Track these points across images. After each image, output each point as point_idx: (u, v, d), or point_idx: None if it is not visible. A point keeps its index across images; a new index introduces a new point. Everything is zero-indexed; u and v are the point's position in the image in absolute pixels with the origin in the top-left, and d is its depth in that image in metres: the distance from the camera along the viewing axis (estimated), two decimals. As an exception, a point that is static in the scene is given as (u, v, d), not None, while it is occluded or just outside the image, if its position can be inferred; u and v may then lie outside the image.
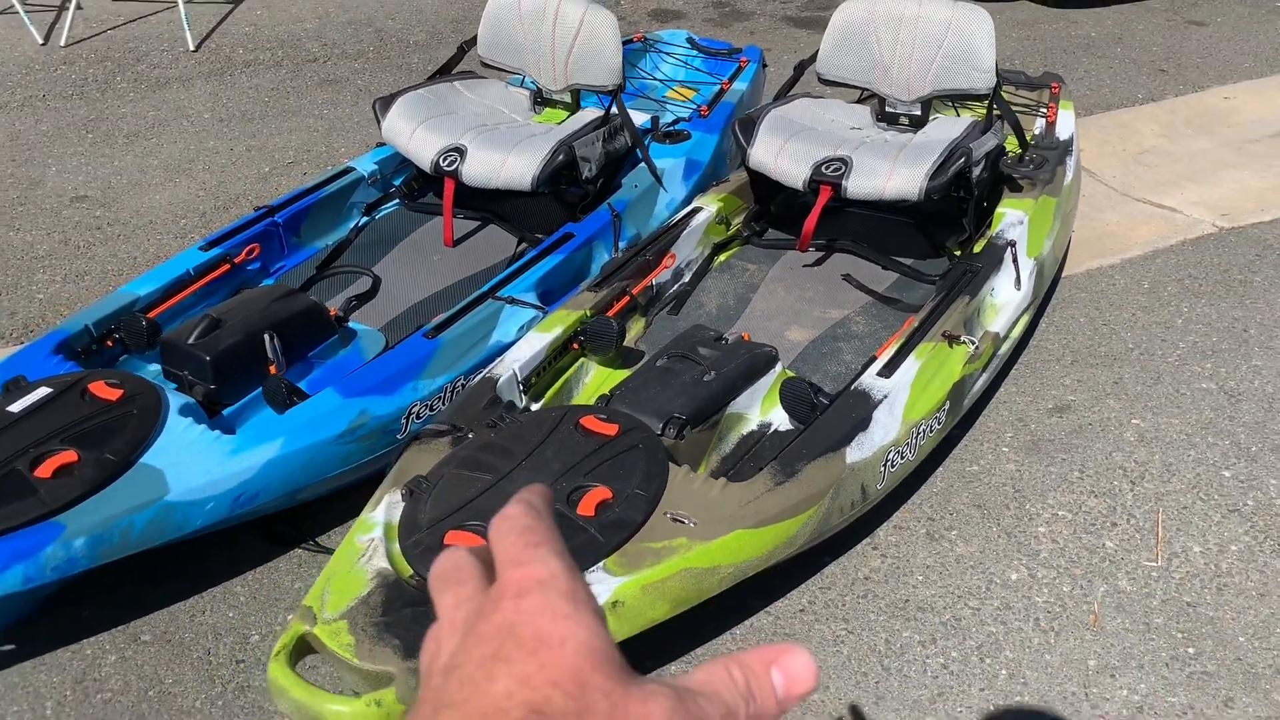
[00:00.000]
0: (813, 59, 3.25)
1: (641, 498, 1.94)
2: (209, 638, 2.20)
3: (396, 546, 1.85)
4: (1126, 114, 4.63)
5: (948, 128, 3.01)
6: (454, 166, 2.99)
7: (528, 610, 0.41)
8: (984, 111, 3.17)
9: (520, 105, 3.42)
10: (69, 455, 2.08)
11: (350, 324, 2.78)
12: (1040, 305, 3.09)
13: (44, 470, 2.05)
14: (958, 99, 3.27)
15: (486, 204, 3.24)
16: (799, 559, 2.19)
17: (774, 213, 3.25)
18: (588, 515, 1.89)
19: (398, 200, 3.35)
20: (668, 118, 3.57)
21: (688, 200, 3.35)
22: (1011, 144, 3.21)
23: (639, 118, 3.37)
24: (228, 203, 3.89)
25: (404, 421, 2.44)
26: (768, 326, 2.77)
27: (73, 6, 5.19)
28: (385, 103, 3.19)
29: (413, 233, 3.24)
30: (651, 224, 3.19)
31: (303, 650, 1.69)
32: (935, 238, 3.13)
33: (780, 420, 2.41)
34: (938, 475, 2.57)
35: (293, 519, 2.45)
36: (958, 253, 3.05)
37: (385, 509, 1.94)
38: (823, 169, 2.81)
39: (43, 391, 2.24)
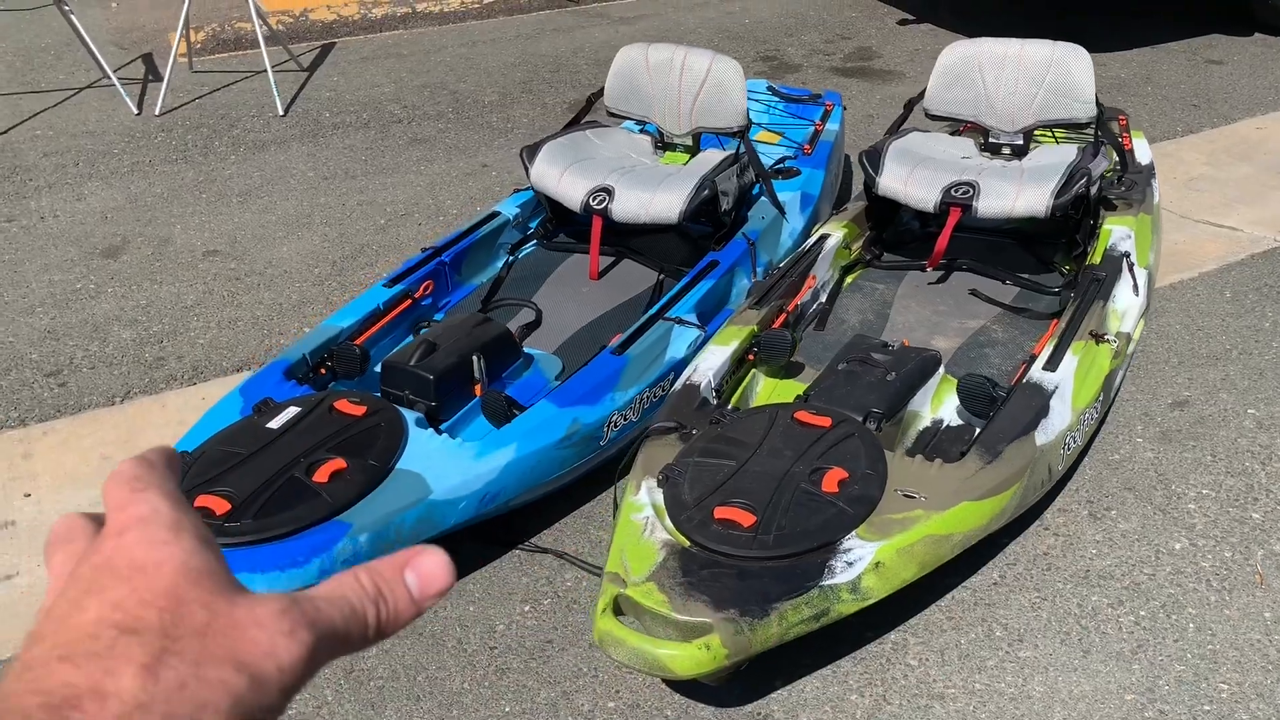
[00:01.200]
0: (921, 96, 3.56)
1: (873, 477, 2.17)
2: (457, 629, 2.40)
3: (669, 522, 2.07)
4: (1170, 145, 4.97)
5: (1054, 154, 3.31)
6: (603, 205, 3.25)
7: (125, 544, 0.40)
8: (1078, 140, 3.48)
9: (645, 149, 3.70)
10: (339, 463, 2.29)
11: (525, 349, 3.01)
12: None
13: (320, 475, 2.26)
14: (1057, 128, 3.57)
15: (620, 241, 3.50)
16: (982, 542, 2.42)
17: (886, 239, 3.53)
18: (832, 492, 2.12)
19: (535, 241, 3.60)
20: (769, 158, 3.86)
21: (806, 230, 3.63)
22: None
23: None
24: (354, 252, 4.14)
25: (605, 430, 2.67)
26: (913, 336, 3.02)
27: (167, 77, 5.46)
28: (531, 151, 3.46)
29: (556, 269, 3.49)
30: (779, 252, 3.46)
31: (617, 610, 1.90)
32: (1040, 255, 3.41)
33: (950, 416, 2.65)
34: (1085, 465, 2.82)
35: (503, 523, 2.66)
36: (1067, 268, 3.33)
37: (646, 493, 2.17)
38: (952, 192, 3.09)
39: (293, 410, 2.46)
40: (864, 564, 1.97)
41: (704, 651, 1.77)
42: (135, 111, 5.42)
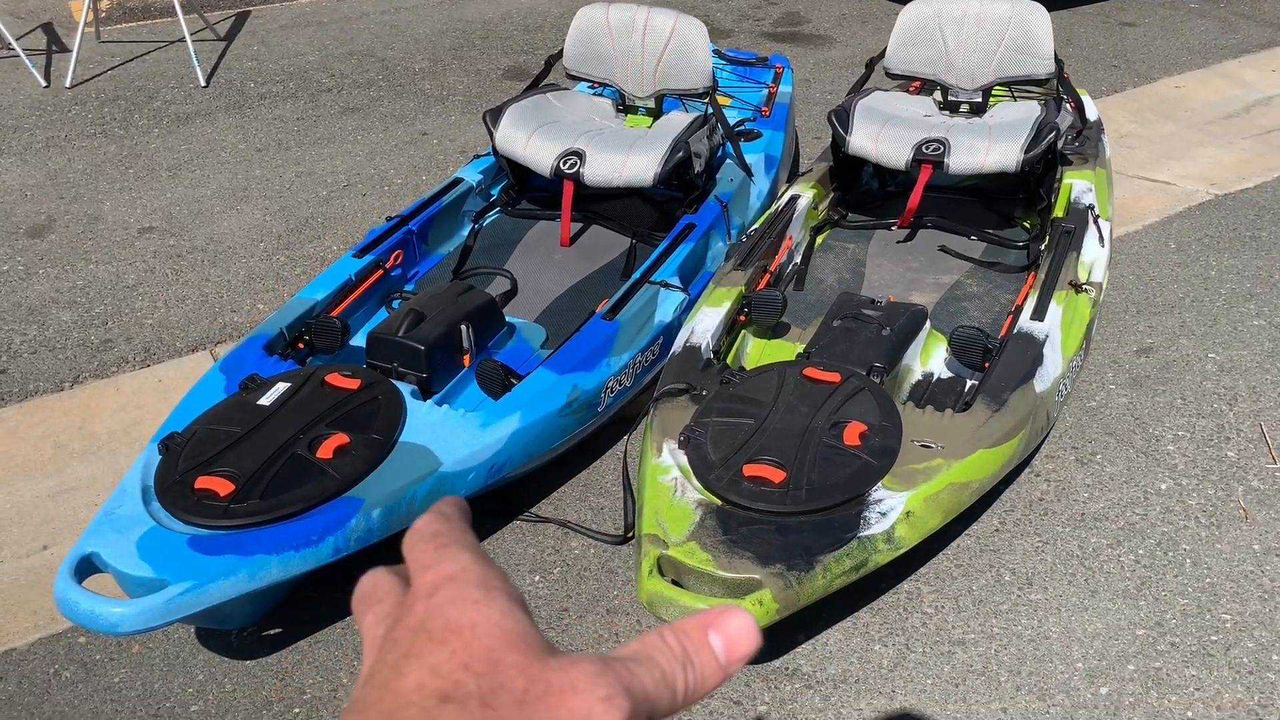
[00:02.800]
0: (882, 55, 3.58)
1: (890, 429, 2.19)
2: (468, 604, 2.34)
3: (697, 482, 2.05)
4: (1098, 104, 5.11)
5: (1016, 110, 3.37)
6: (575, 169, 3.19)
7: (437, 605, 0.40)
8: (1035, 96, 3.54)
9: (607, 112, 3.64)
10: (341, 438, 2.20)
11: (507, 318, 2.94)
12: (1101, 265, 3.47)
13: (324, 452, 2.17)
14: (1016, 85, 3.63)
15: (588, 207, 3.45)
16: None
17: (850, 199, 3.55)
18: (854, 445, 2.12)
19: (499, 209, 3.52)
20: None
21: (772, 191, 3.63)
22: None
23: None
24: (298, 225, 3.98)
25: (603, 395, 2.63)
26: (889, 292, 3.05)
27: (76, 47, 5.17)
28: (494, 115, 3.37)
29: (524, 236, 3.42)
30: (749, 214, 3.46)
31: (660, 570, 1.87)
32: (1001, 211, 3.48)
33: (939, 369, 2.69)
34: (1066, 413, 2.89)
35: (499, 494, 2.60)
36: (1028, 223, 3.40)
37: (670, 455, 2.14)
38: (924, 149, 3.12)
39: (283, 386, 2.36)
40: (896, 514, 1.98)
41: (757, 607, 1.76)
42: (43, 83, 5.12)
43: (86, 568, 1.96)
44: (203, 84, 5.18)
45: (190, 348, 3.28)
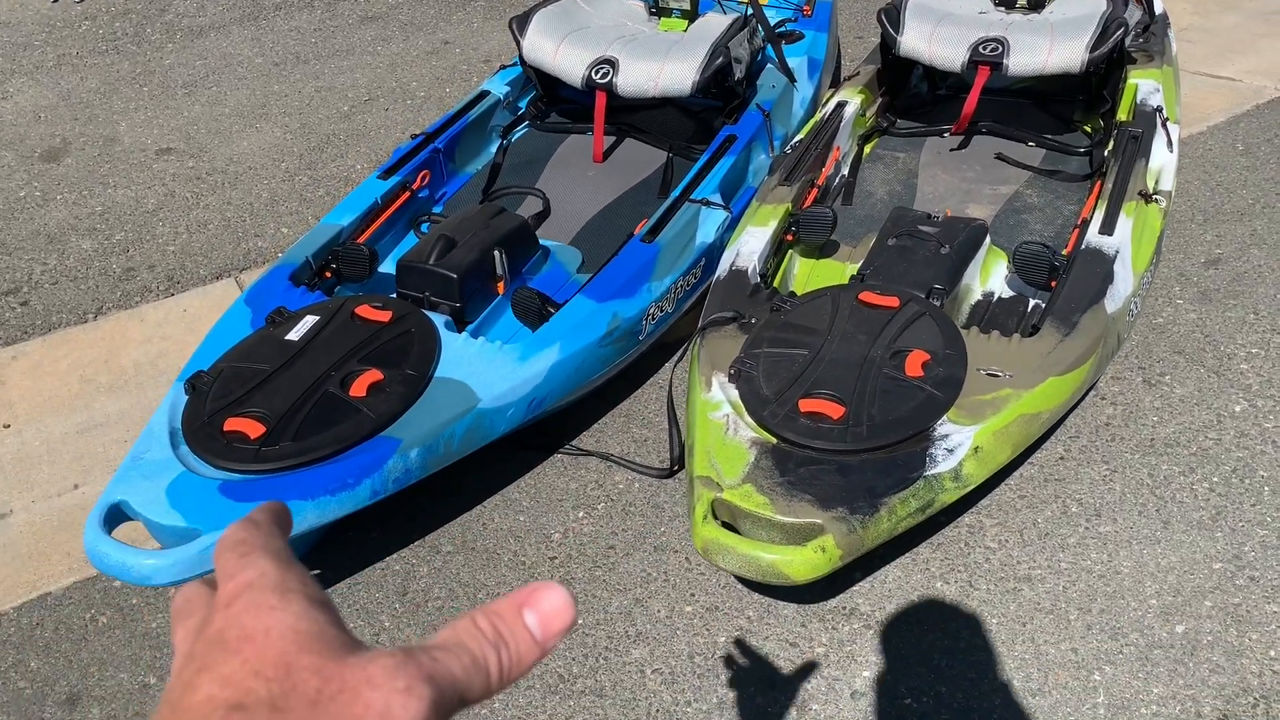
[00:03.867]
0: (933, -51, 3.33)
1: (954, 357, 2.05)
2: (510, 541, 2.26)
3: (750, 419, 1.94)
4: (1157, -5, 4.81)
5: (1078, 5, 3.14)
6: (607, 79, 3.01)
7: (234, 614, 0.39)
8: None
9: (640, 16, 3.44)
10: (374, 374, 2.10)
11: (541, 240, 2.80)
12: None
13: (358, 389, 2.07)
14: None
15: (621, 119, 3.27)
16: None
17: (898, 104, 3.35)
18: (917, 375, 1.99)
19: (528, 123, 3.35)
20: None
21: (815, 98, 3.44)
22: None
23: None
24: (320, 143, 3.84)
25: (644, 323, 2.50)
26: (945, 204, 2.88)
27: (82, -41, 4.97)
28: (521, 22, 3.18)
29: (555, 152, 3.25)
30: (792, 123, 3.27)
31: (714, 514, 1.77)
32: (1059, 114, 3.27)
33: (1000, 288, 2.54)
34: (1132, 330, 2.73)
35: (538, 427, 2.50)
36: (1088, 128, 3.20)
37: (720, 389, 2.02)
38: (980, 49, 2.92)
39: (311, 320, 2.25)
40: (964, 450, 1.86)
41: (819, 554, 1.66)
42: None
43: (116, 516, 1.88)
44: (215, -6, 4.97)
45: (214, 275, 3.18)
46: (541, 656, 0.43)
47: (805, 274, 2.68)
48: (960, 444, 1.88)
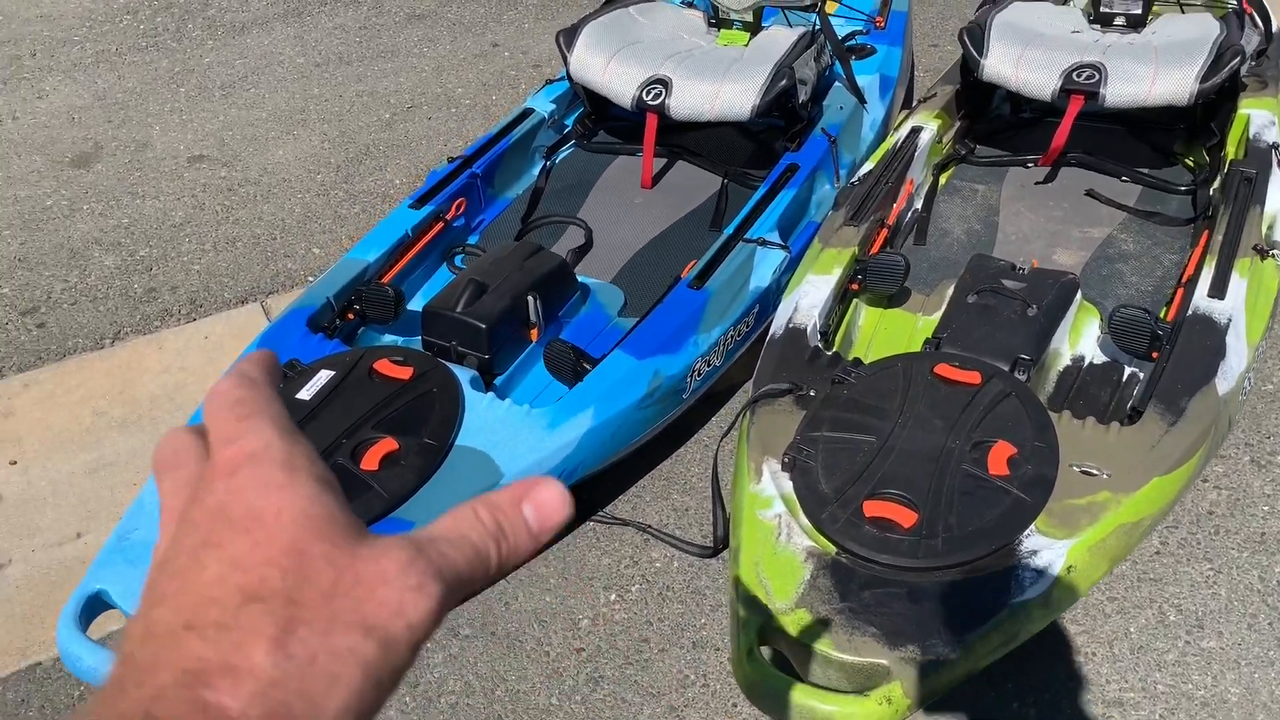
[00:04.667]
0: (1022, -42, 3.04)
1: (1044, 451, 1.79)
2: (535, 626, 2.05)
3: (806, 520, 1.70)
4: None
5: (1186, 26, 2.83)
6: (659, 100, 2.77)
7: (239, 487, 0.38)
8: (1211, 7, 2.98)
9: (698, 28, 3.18)
10: (389, 443, 1.89)
11: (579, 277, 2.58)
12: None
13: (369, 462, 1.86)
14: (1184, -6, 3.07)
15: (674, 139, 3.03)
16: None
17: (978, 129, 3.07)
18: (1002, 474, 1.74)
19: (573, 142, 3.12)
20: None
21: (886, 120, 3.16)
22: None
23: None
24: (358, 154, 3.64)
25: (689, 380, 2.27)
26: (1030, 250, 2.60)
27: (126, -50, 4.83)
28: (569, 36, 2.95)
29: (600, 176, 3.02)
30: (861, 148, 3.01)
31: (760, 640, 1.54)
32: (1159, 145, 2.96)
33: (1091, 351, 2.26)
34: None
35: (572, 490, 2.28)
36: (1190, 160, 2.89)
37: (771, 480, 1.78)
38: (1074, 76, 2.62)
39: (325, 375, 2.05)
40: (1056, 569, 1.61)
41: (885, 706, 1.42)
42: (94, -10, 4.80)
43: (96, 605, 1.70)
44: (260, -12, 4.80)
45: (239, 299, 3.00)
46: (535, 549, 0.43)
47: (871, 325, 2.42)
48: (1051, 562, 1.62)
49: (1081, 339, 2.28)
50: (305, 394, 2.00)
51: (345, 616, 0.35)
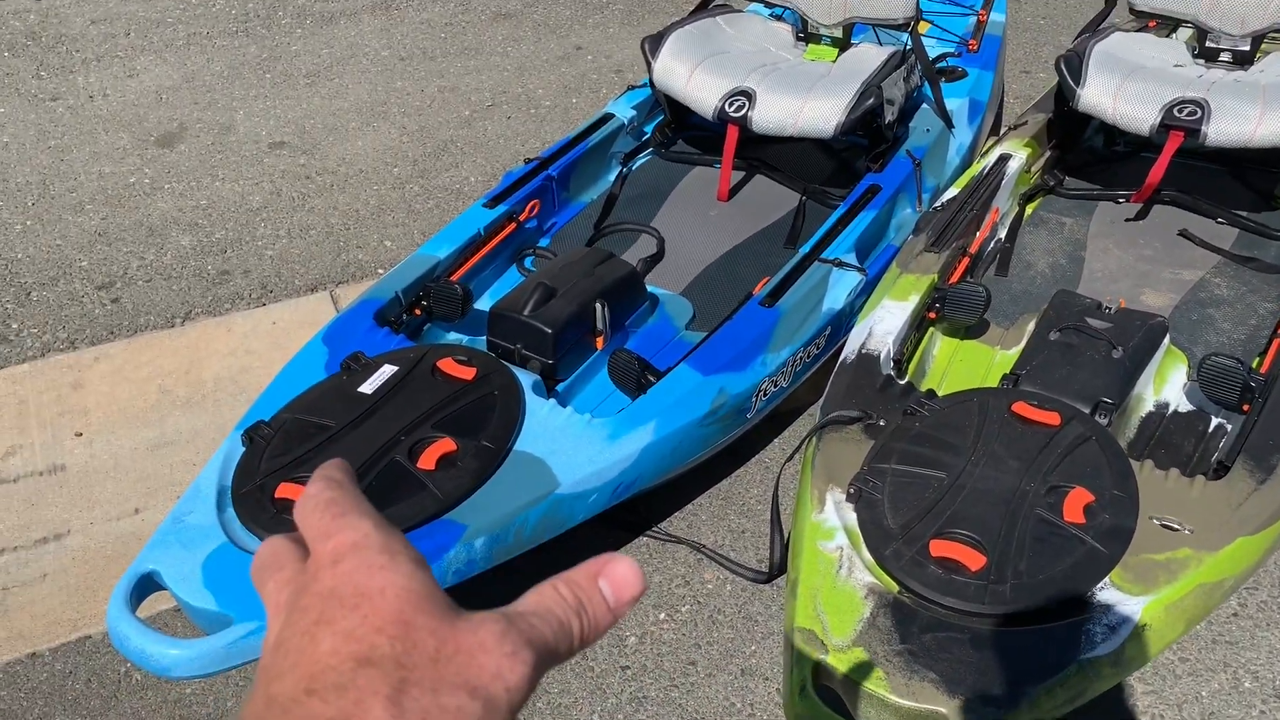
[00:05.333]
0: (1127, -13, 2.94)
1: (1123, 500, 1.71)
2: (581, 640, 2.01)
3: (868, 555, 1.64)
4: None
5: (1297, 65, 2.71)
6: (742, 113, 2.72)
7: (345, 572, 0.41)
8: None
9: (785, 42, 3.13)
10: (447, 444, 1.87)
11: (649, 287, 2.54)
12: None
13: (426, 461, 1.84)
14: (1295, 33, 2.95)
15: (753, 152, 2.98)
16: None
17: (1069, 160, 2.97)
18: (1077, 522, 1.66)
19: (651, 150, 3.09)
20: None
21: (974, 145, 3.08)
22: None
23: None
24: (436, 150, 3.65)
25: (754, 400, 2.22)
26: (1117, 289, 2.51)
27: (224, -64, 4.91)
28: (654, 43, 2.92)
29: (676, 185, 2.99)
30: (945, 172, 2.93)
31: (813, 676, 1.48)
32: (1257, 186, 2.85)
33: (1177, 399, 2.17)
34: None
35: (628, 504, 2.24)
36: (1293, 205, 2.77)
37: (834, 511, 1.72)
38: (1175, 112, 2.52)
39: (389, 370, 2.03)
40: (1129, 627, 1.53)
41: (940, 757, 1.36)
42: (190, -26, 4.89)
43: (147, 585, 1.70)
44: (351, -20, 4.85)
45: (309, 287, 3.02)
46: (614, 622, 0.45)
47: (947, 356, 2.35)
48: (1125, 619, 1.54)
49: (1167, 385, 2.19)
50: (367, 388, 1.99)
51: (451, 679, 0.38)
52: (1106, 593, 1.58)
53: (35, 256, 3.15)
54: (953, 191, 2.66)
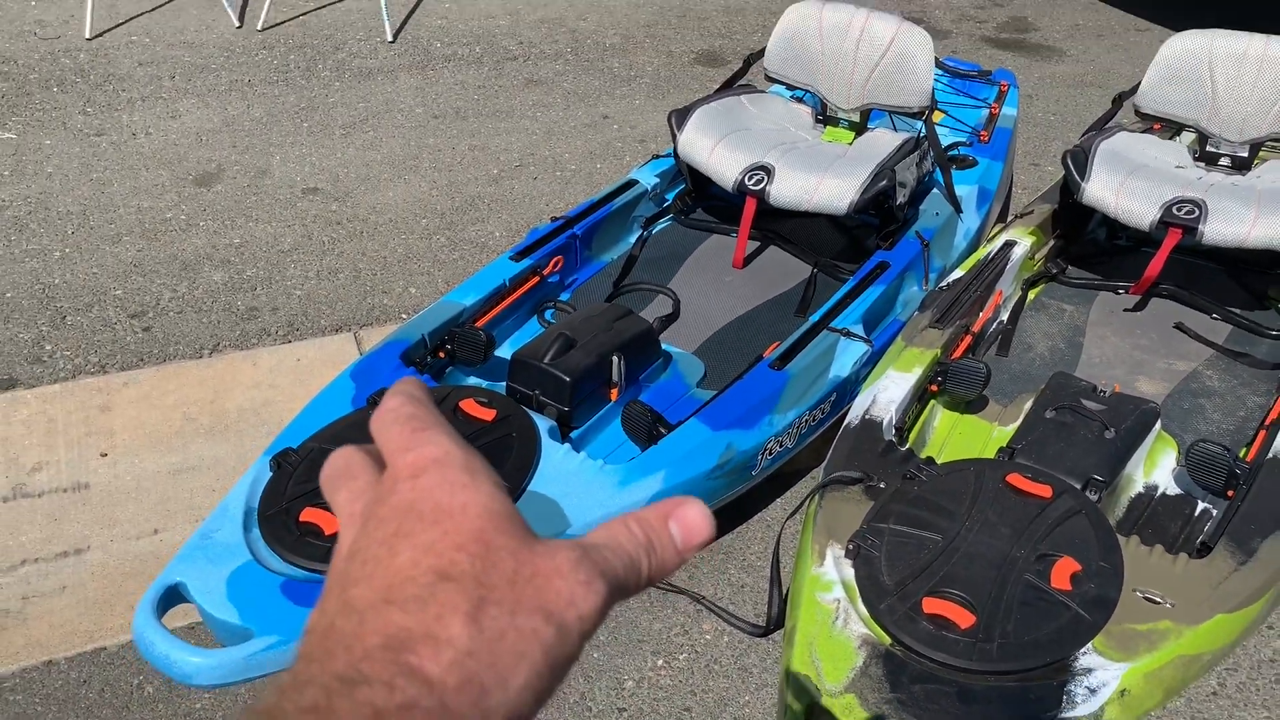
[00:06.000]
0: (1133, 91, 3.09)
1: (1108, 572, 1.79)
2: (580, 681, 2.08)
3: (863, 609, 1.72)
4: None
5: (1291, 172, 2.85)
6: (761, 186, 2.85)
7: (425, 487, 0.41)
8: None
9: (805, 123, 3.28)
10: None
11: (664, 345, 2.64)
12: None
13: (444, 497, 1.92)
14: (1291, 142, 3.09)
15: (769, 225, 3.11)
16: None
17: (1072, 251, 3.10)
18: (1064, 589, 1.74)
19: (671, 216, 3.22)
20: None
21: (981, 231, 3.21)
22: None
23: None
24: (464, 204, 3.79)
25: (760, 458, 2.31)
26: (1113, 375, 2.61)
27: (272, -9, 5.13)
28: (680, 116, 3.06)
29: (694, 251, 3.11)
30: (952, 254, 3.05)
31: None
32: (1253, 287, 2.96)
33: (1166, 483, 2.25)
34: (1311, 548, 2.40)
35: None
36: (1285, 306, 2.89)
37: (833, 566, 1.80)
38: (1174, 210, 2.65)
39: (412, 408, 2.13)
40: (1108, 691, 1.60)
41: (923, 802, 1.43)
42: (236, 24, 5.09)
43: (173, 596, 1.78)
44: (389, 39, 5.05)
45: (334, 327, 3.12)
46: (681, 564, 0.46)
47: (946, 428, 2.44)
48: (1105, 683, 1.61)
49: (1157, 469, 2.28)
50: (392, 423, 2.08)
51: (528, 601, 0.38)
52: (1089, 657, 1.66)
53: (72, 283, 3.26)
54: (959, 273, 2.78)
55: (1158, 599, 1.77)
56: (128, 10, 5.21)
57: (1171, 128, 3.33)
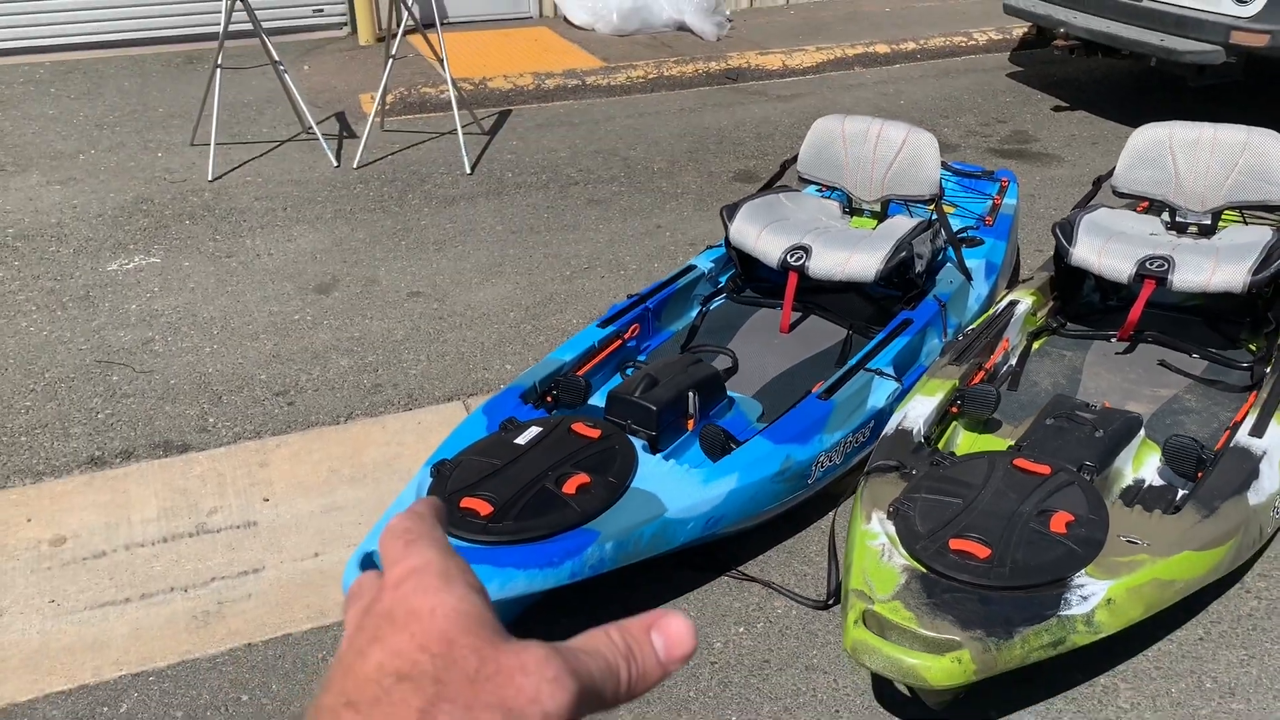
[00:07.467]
0: (1110, 174, 3.69)
1: (1097, 522, 2.28)
2: (678, 644, 2.55)
3: (904, 550, 2.22)
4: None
5: (1246, 233, 3.40)
6: (800, 262, 3.45)
7: (402, 594, 0.43)
8: (1269, 221, 3.56)
9: (834, 214, 3.90)
10: (583, 477, 2.50)
11: (728, 392, 3.19)
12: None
13: (569, 488, 2.47)
14: (1248, 210, 3.66)
15: (809, 298, 3.69)
16: (1184, 599, 2.49)
17: (1070, 309, 3.64)
18: (1060, 532, 2.23)
19: (725, 295, 3.82)
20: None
21: (991, 296, 3.77)
22: None
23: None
24: (544, 300, 4.41)
25: (814, 468, 2.83)
26: (1105, 400, 3.12)
27: (365, 133, 5.92)
28: (730, 210, 3.69)
29: (745, 322, 3.69)
30: (966, 315, 3.60)
31: (864, 623, 2.04)
32: (1226, 333, 3.48)
33: (1151, 476, 2.74)
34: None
35: (711, 551, 2.82)
36: (1254, 345, 3.40)
37: (879, 523, 2.31)
38: (1147, 264, 3.20)
39: (535, 430, 2.69)
40: (1097, 599, 2.07)
41: (956, 665, 1.90)
42: (334, 164, 5.87)
43: (368, 562, 2.31)
44: (468, 171, 5.79)
45: (447, 397, 3.70)
46: (664, 677, 0.46)
47: (966, 445, 2.95)
48: (1095, 593, 2.09)
49: (1143, 466, 2.77)
50: (521, 440, 2.64)
51: (485, 698, 0.39)
52: (1081, 578, 2.14)
53: (223, 371, 3.89)
54: (973, 326, 3.33)
55: (1137, 541, 2.26)
56: (239, 157, 6.02)
57: (1154, 208, 3.92)
